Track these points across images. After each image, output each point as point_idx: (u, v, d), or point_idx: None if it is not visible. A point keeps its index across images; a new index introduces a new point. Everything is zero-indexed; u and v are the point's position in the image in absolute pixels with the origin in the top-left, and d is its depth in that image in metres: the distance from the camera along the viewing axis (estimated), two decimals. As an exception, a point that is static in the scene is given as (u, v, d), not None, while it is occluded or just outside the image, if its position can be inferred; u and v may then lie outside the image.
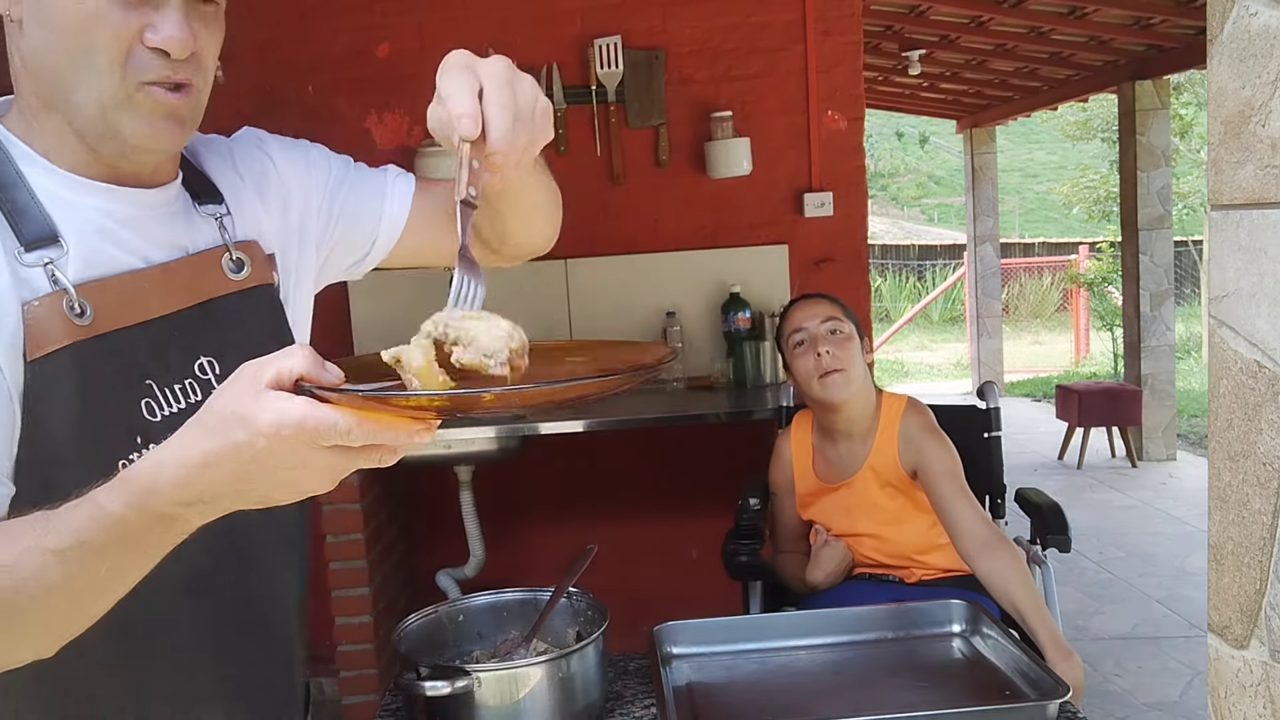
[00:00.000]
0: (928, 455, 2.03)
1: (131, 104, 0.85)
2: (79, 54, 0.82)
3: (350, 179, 1.11)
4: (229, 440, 0.66)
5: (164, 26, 0.83)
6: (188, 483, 0.68)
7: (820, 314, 2.12)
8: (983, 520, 1.93)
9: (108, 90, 0.83)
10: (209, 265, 0.95)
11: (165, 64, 0.85)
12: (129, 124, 0.85)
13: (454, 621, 1.47)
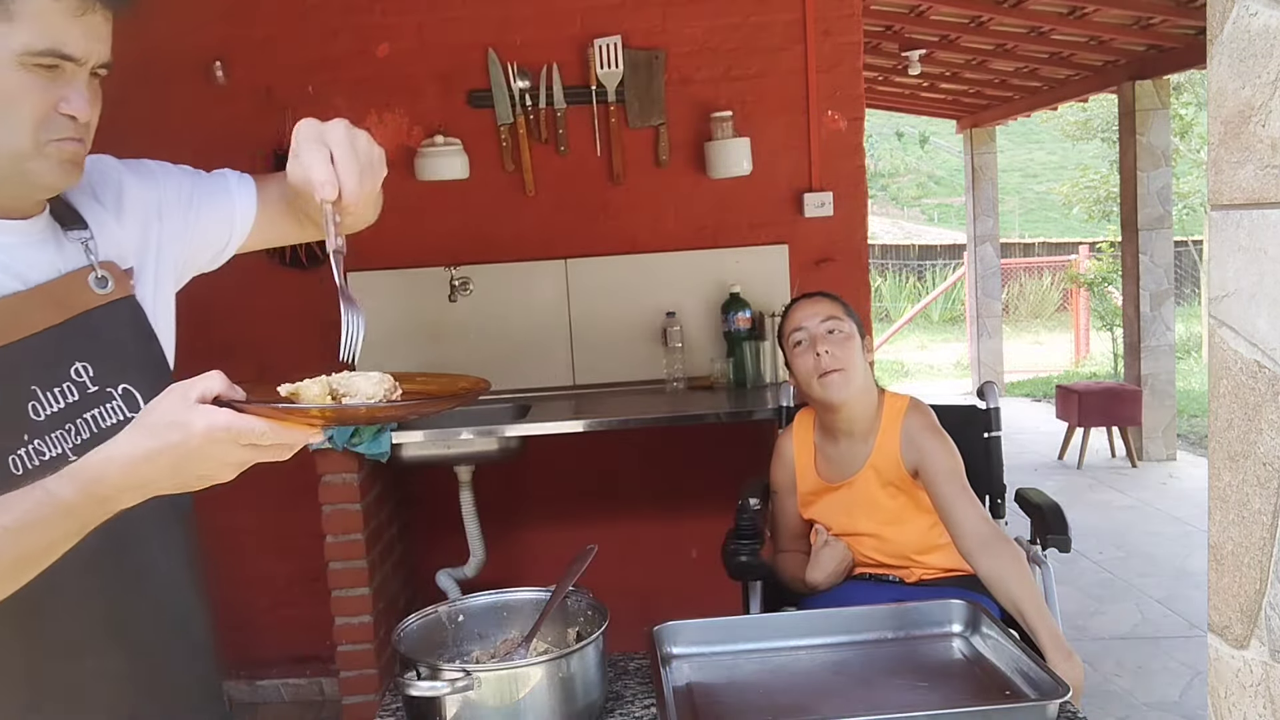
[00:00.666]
0: (929, 454, 2.03)
1: (43, 155, 1.04)
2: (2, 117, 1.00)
3: (199, 190, 1.30)
4: (167, 441, 0.86)
5: (74, 100, 1.04)
6: (131, 473, 0.88)
7: (820, 313, 2.12)
8: (984, 519, 1.93)
9: (26, 145, 1.02)
10: (79, 282, 1.10)
11: (72, 126, 1.05)
12: (41, 171, 1.05)
13: (454, 621, 1.47)
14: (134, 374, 1.13)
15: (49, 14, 0.99)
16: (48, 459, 1.03)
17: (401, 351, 3.43)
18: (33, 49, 0.99)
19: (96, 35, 1.04)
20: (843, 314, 2.14)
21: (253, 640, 3.79)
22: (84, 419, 1.07)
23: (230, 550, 3.74)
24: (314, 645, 3.70)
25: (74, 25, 1.01)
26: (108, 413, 1.10)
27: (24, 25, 0.98)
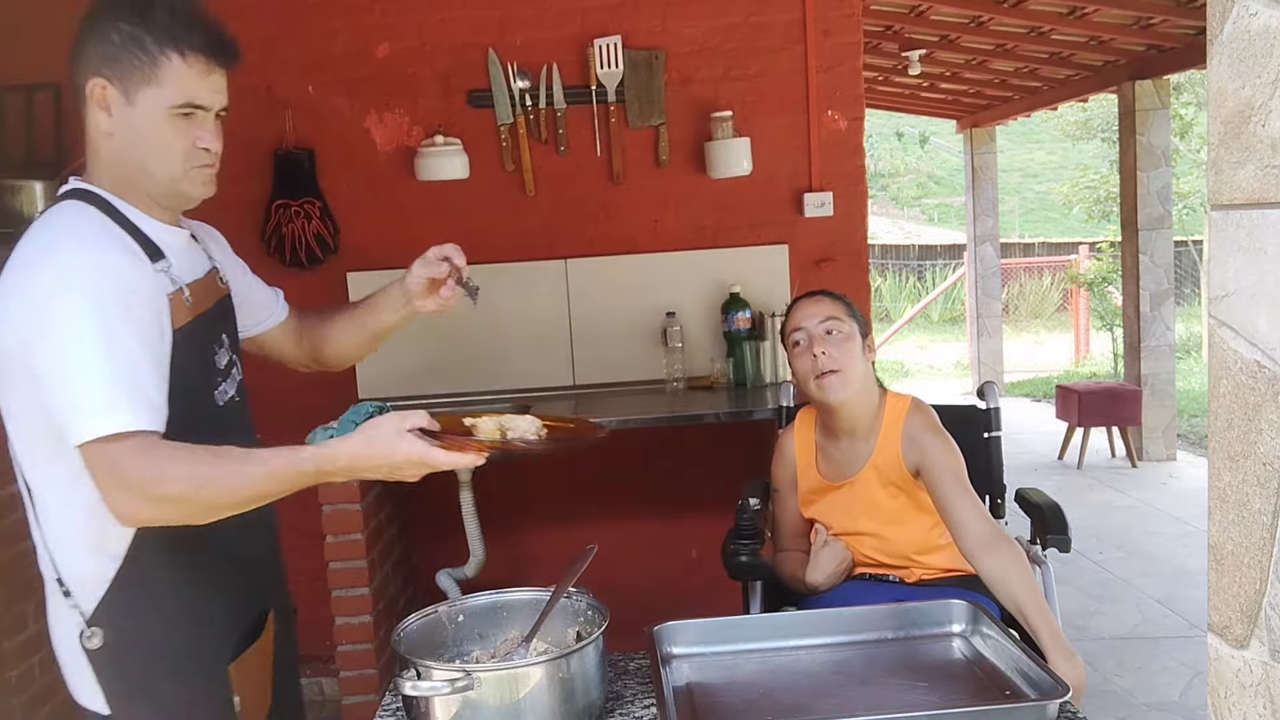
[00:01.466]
0: (930, 454, 2.03)
1: (188, 178, 1.43)
2: (159, 154, 1.39)
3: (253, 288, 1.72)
4: (379, 453, 1.28)
5: (206, 136, 1.42)
6: (351, 466, 1.29)
7: (820, 313, 2.12)
8: (985, 519, 1.92)
9: (175, 173, 1.41)
10: (214, 276, 1.56)
11: (207, 155, 1.43)
12: (188, 187, 1.44)
13: (454, 621, 1.47)
14: (238, 349, 1.59)
15: (184, 76, 1.36)
16: (229, 397, 1.50)
17: (402, 351, 3.43)
18: (175, 103, 1.36)
19: (217, 88, 1.41)
20: (844, 314, 2.13)
21: (253, 640, 3.79)
22: (234, 371, 1.54)
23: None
24: (314, 645, 3.70)
25: (202, 82, 1.38)
26: (239, 370, 1.56)
27: (168, 87, 1.36)
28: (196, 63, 1.36)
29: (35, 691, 3.00)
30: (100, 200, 1.38)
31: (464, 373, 3.58)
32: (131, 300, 1.31)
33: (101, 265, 1.31)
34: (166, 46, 1.34)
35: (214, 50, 1.37)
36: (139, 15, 1.34)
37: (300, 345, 1.78)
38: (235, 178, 3.59)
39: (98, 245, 1.33)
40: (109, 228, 1.36)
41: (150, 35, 1.33)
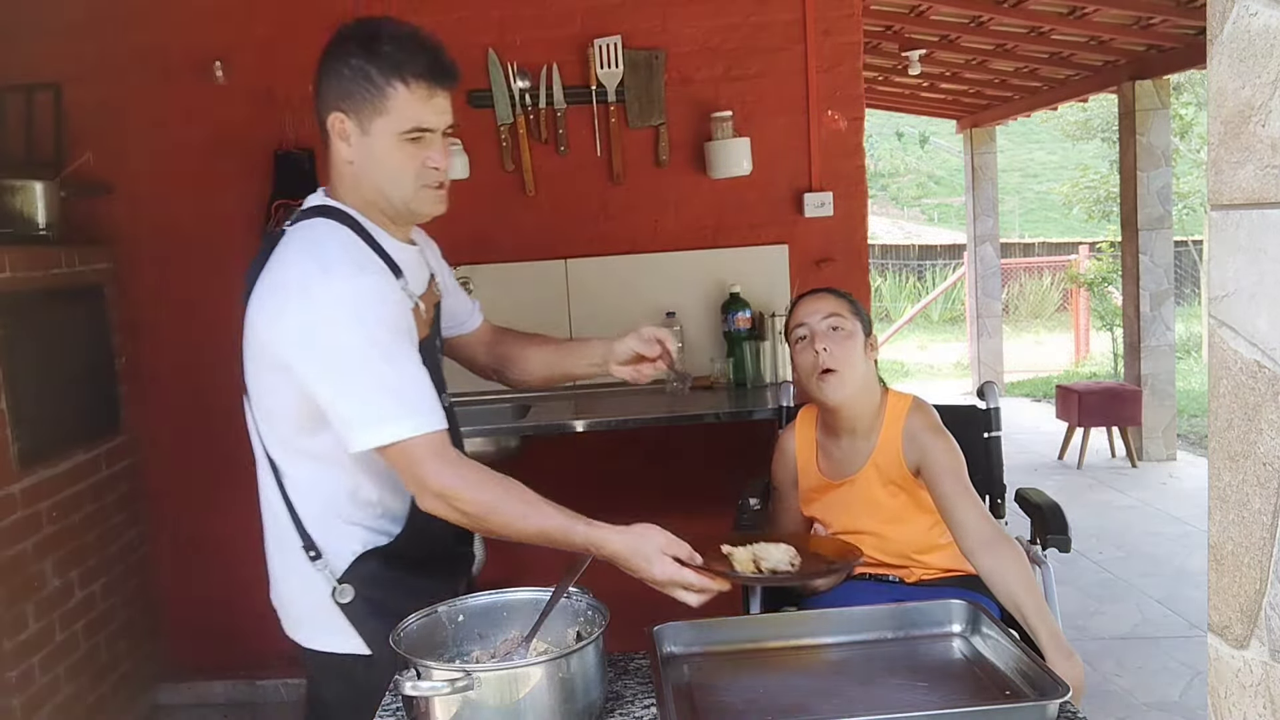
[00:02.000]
0: (931, 453, 2.03)
1: (419, 197, 1.54)
2: (393, 177, 1.51)
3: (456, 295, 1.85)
4: (638, 563, 1.42)
5: (435, 156, 1.53)
6: (613, 557, 1.43)
7: (823, 310, 2.11)
8: (985, 518, 1.92)
9: (408, 192, 1.52)
10: (433, 284, 1.68)
11: (435, 174, 1.54)
12: (420, 205, 1.55)
13: (454, 621, 1.47)
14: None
15: (409, 103, 1.47)
16: (448, 404, 1.60)
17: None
18: (403, 129, 1.47)
19: (441, 109, 1.51)
20: (847, 312, 2.12)
21: (253, 640, 3.79)
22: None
23: (230, 550, 3.74)
24: (314, 645, 3.70)
25: (425, 107, 1.48)
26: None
27: (397, 115, 1.47)
28: (419, 88, 1.46)
29: (35, 691, 3.00)
30: (350, 220, 1.53)
31: (465, 372, 3.58)
32: (397, 319, 1.48)
33: (372, 290, 1.46)
34: (391, 76, 1.45)
35: (435, 74, 1.47)
36: (364, 49, 1.46)
37: (489, 356, 1.91)
38: (235, 178, 3.62)
39: (365, 270, 1.48)
40: (365, 250, 1.51)
41: (375, 67, 1.45)
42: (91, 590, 3.34)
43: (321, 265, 1.44)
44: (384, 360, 1.42)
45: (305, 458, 1.56)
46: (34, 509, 3.05)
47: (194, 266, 3.65)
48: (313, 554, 1.58)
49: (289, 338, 1.44)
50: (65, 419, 3.24)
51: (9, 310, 2.96)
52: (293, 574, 1.64)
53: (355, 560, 1.58)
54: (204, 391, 3.73)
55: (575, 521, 1.43)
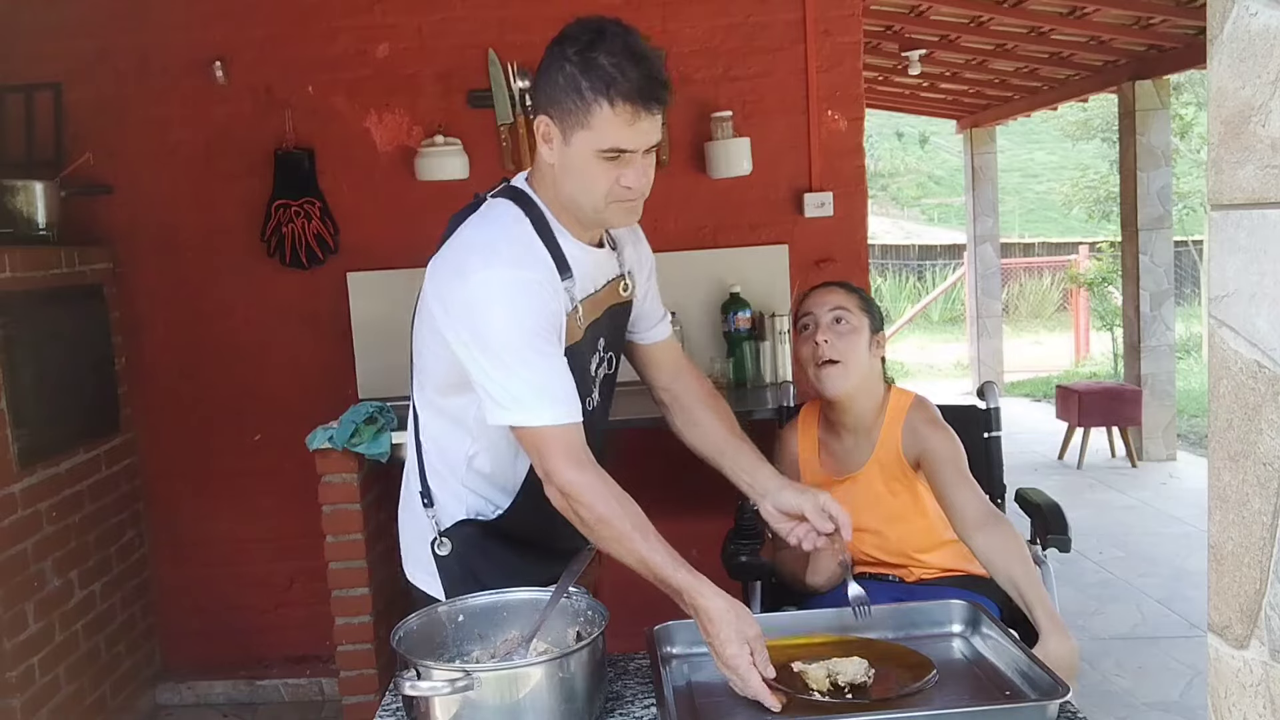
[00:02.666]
0: (930, 443, 2.03)
1: (608, 210, 1.53)
2: (586, 189, 1.51)
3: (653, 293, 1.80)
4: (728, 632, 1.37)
5: (628, 176, 1.49)
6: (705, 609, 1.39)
7: (830, 303, 2.11)
8: (982, 501, 1.92)
9: (598, 204, 1.52)
10: (615, 286, 1.66)
11: (628, 193, 1.51)
12: (610, 217, 1.56)
13: (454, 621, 1.47)
14: (618, 347, 1.73)
15: (612, 124, 1.44)
16: (595, 405, 1.65)
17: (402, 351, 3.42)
18: (602, 147, 1.46)
19: (645, 131, 1.47)
20: (855, 306, 2.11)
21: (253, 640, 3.79)
22: (604, 377, 1.68)
23: (230, 550, 3.75)
24: (314, 645, 3.70)
25: (628, 130, 1.45)
26: (605, 366, 1.68)
27: (598, 132, 1.45)
28: (624, 111, 1.43)
29: (35, 691, 3.00)
30: (537, 212, 1.56)
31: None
32: (549, 316, 1.50)
33: (529, 284, 1.49)
34: (599, 94, 1.43)
35: (644, 97, 1.44)
36: (580, 58, 1.45)
37: (664, 387, 1.89)
38: (235, 178, 3.62)
39: (523, 265, 1.51)
40: (534, 246, 1.53)
41: (587, 80, 1.44)
42: (91, 590, 3.34)
43: (487, 251, 1.51)
44: (531, 349, 1.47)
45: (440, 414, 1.67)
46: (34, 509, 3.05)
47: (194, 266, 3.65)
48: (426, 500, 1.71)
49: (448, 310, 1.52)
50: (65, 419, 3.24)
51: (9, 310, 2.96)
52: (409, 509, 1.80)
53: (457, 521, 1.68)
54: (204, 391, 3.73)
55: (680, 564, 1.42)
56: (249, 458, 3.70)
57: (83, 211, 3.54)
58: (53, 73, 3.54)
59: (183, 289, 3.67)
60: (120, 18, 3.56)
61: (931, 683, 1.36)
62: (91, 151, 3.49)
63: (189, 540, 3.75)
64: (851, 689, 1.36)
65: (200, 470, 3.72)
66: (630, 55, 1.46)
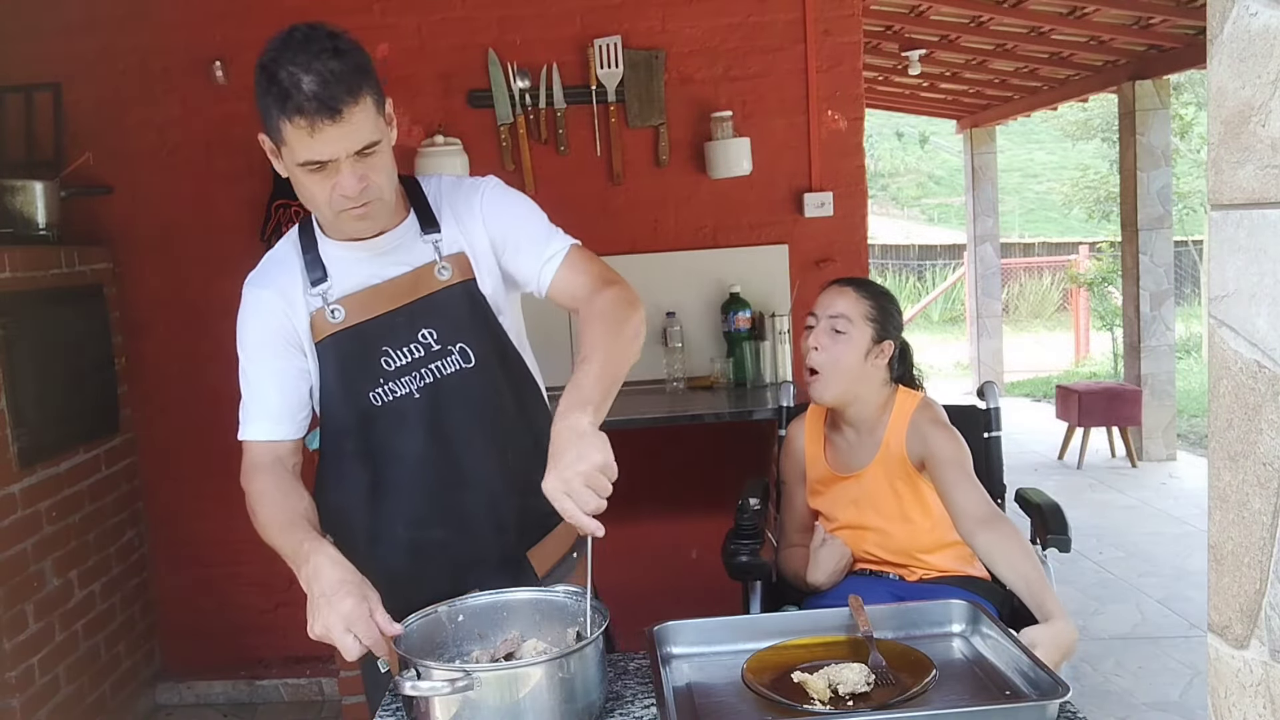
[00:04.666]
0: (933, 443, 2.03)
1: (339, 220, 1.52)
2: (309, 200, 1.51)
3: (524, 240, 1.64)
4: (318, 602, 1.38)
5: (341, 183, 1.46)
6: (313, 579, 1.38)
7: (835, 308, 2.10)
8: (985, 500, 1.92)
9: (327, 215, 1.52)
10: (425, 274, 1.59)
11: (348, 200, 1.48)
12: (344, 226, 1.54)
13: (454, 621, 1.47)
14: (468, 336, 1.61)
15: (296, 138, 1.42)
16: (399, 395, 1.58)
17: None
18: (299, 161, 1.44)
19: (333, 139, 1.41)
20: (859, 315, 2.09)
21: (253, 640, 3.79)
22: (428, 368, 1.59)
23: (230, 550, 3.75)
24: (314, 645, 3.69)
25: (311, 142, 1.41)
26: (447, 364, 1.60)
27: (290, 147, 1.43)
28: (301, 124, 1.40)
29: (35, 691, 3.00)
30: (308, 224, 1.63)
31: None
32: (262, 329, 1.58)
33: (251, 302, 1.60)
34: (280, 110, 1.42)
35: (317, 109, 1.39)
36: (264, 77, 1.44)
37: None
38: (235, 178, 3.62)
39: (254, 284, 1.61)
40: (287, 258, 1.61)
41: (270, 98, 1.43)
42: (91, 590, 3.34)
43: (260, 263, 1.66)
44: (242, 372, 1.61)
45: None
46: (34, 509, 3.05)
47: (194, 266, 3.65)
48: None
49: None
50: (65, 419, 3.24)
51: (9, 310, 2.96)
52: None
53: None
54: (204, 392, 3.73)
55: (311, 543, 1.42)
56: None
57: (83, 211, 3.54)
58: (53, 73, 3.53)
59: (183, 289, 3.67)
60: (120, 18, 3.56)
61: (932, 684, 1.36)
62: (91, 151, 3.49)
63: (189, 540, 3.75)
64: (853, 698, 1.35)
65: (200, 470, 3.72)
66: (306, 63, 1.42)
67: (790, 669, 1.41)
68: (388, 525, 1.64)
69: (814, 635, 1.53)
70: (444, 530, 1.64)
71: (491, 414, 1.64)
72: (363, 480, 1.63)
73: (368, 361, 1.58)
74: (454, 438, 1.61)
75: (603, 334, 1.55)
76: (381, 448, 1.61)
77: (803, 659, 1.44)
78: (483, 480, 1.64)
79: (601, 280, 1.63)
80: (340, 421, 1.61)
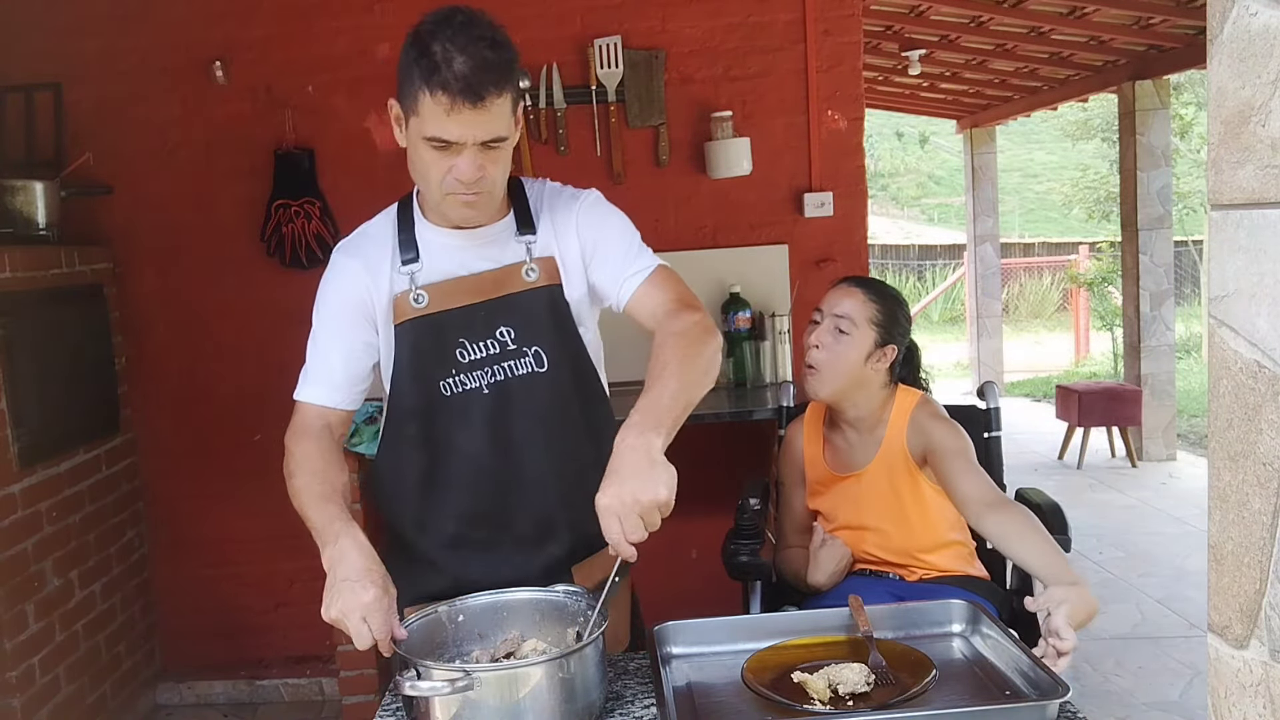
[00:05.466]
0: (935, 436, 2.03)
1: (445, 202, 1.53)
2: (421, 175, 1.54)
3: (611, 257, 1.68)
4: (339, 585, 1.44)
5: (459, 167, 1.48)
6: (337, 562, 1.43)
7: (841, 308, 2.09)
8: (991, 485, 1.91)
9: (435, 195, 1.53)
10: (512, 272, 1.61)
11: (461, 185, 1.49)
12: (447, 210, 1.56)
13: (454, 621, 1.47)
14: (545, 340, 1.62)
15: (432, 113, 1.44)
16: (468, 389, 1.60)
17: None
18: (425, 135, 1.47)
19: (467, 124, 1.44)
20: (864, 318, 2.08)
21: (253, 640, 3.79)
22: (500, 366, 1.61)
23: (230, 550, 3.75)
24: (314, 645, 3.70)
25: (447, 120, 1.44)
26: (520, 365, 1.62)
27: (423, 119, 1.46)
28: (441, 101, 1.42)
29: (35, 691, 3.00)
30: (409, 201, 1.65)
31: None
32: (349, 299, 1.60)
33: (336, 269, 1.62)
34: (424, 81, 1.44)
35: (462, 90, 1.41)
36: (418, 43, 1.46)
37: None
38: (235, 177, 3.62)
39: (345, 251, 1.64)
40: (382, 231, 1.64)
41: (418, 67, 1.45)
42: (91, 590, 3.34)
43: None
44: (312, 333, 1.63)
45: None
46: (34, 509, 3.05)
47: (194, 266, 3.65)
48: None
49: None
50: (65, 419, 3.24)
51: (9, 310, 2.96)
52: None
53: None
54: (204, 391, 3.73)
55: (340, 520, 1.45)
56: (249, 458, 3.69)
57: (83, 211, 3.54)
58: (53, 73, 3.53)
59: (183, 289, 3.67)
60: (120, 18, 3.56)
61: (931, 684, 1.36)
62: (91, 151, 3.49)
63: (189, 540, 3.75)
64: (853, 698, 1.35)
65: (200, 470, 3.72)
66: (463, 45, 1.44)
67: (790, 669, 1.41)
68: (436, 516, 1.65)
69: (814, 635, 1.53)
70: (491, 530, 1.64)
71: (557, 421, 1.64)
72: (419, 466, 1.63)
73: (443, 350, 1.59)
74: (515, 439, 1.62)
75: (682, 356, 1.54)
76: (443, 438, 1.62)
77: (803, 659, 1.44)
78: (538, 486, 1.64)
79: (682, 303, 1.63)
80: (407, 404, 1.61)
